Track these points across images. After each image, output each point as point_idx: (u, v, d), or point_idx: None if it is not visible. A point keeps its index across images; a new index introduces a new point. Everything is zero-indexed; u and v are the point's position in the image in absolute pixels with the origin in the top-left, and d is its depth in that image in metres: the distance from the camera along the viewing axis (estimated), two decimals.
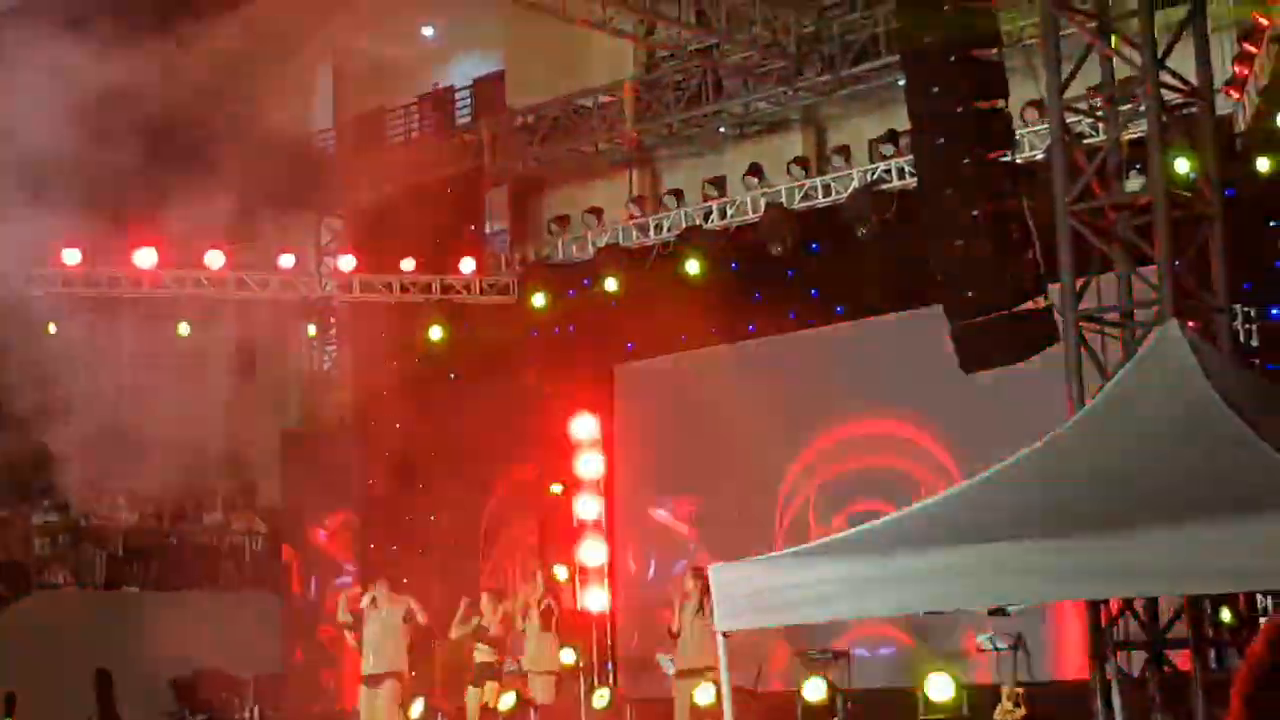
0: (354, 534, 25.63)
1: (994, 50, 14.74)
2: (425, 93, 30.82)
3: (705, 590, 18.79)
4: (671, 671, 20.35)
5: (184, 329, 25.38)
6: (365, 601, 19.25)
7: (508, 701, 19.51)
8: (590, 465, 24.01)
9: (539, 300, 24.73)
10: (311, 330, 26.91)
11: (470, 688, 20.36)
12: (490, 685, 20.09)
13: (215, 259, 25.24)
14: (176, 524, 28.11)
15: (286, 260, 25.88)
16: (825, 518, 21.45)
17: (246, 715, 23.50)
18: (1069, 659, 18.50)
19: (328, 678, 22.48)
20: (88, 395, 33.37)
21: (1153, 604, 13.86)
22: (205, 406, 31.62)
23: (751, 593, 11.51)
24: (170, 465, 30.68)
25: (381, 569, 24.83)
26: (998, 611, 16.55)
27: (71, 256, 24.35)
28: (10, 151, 22.49)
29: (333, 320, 27.04)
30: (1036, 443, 12.35)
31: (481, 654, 20.39)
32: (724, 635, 11.60)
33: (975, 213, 14.25)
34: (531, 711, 19.47)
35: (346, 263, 26.15)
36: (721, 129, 24.95)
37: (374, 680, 19.02)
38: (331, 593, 21.78)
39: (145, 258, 24.90)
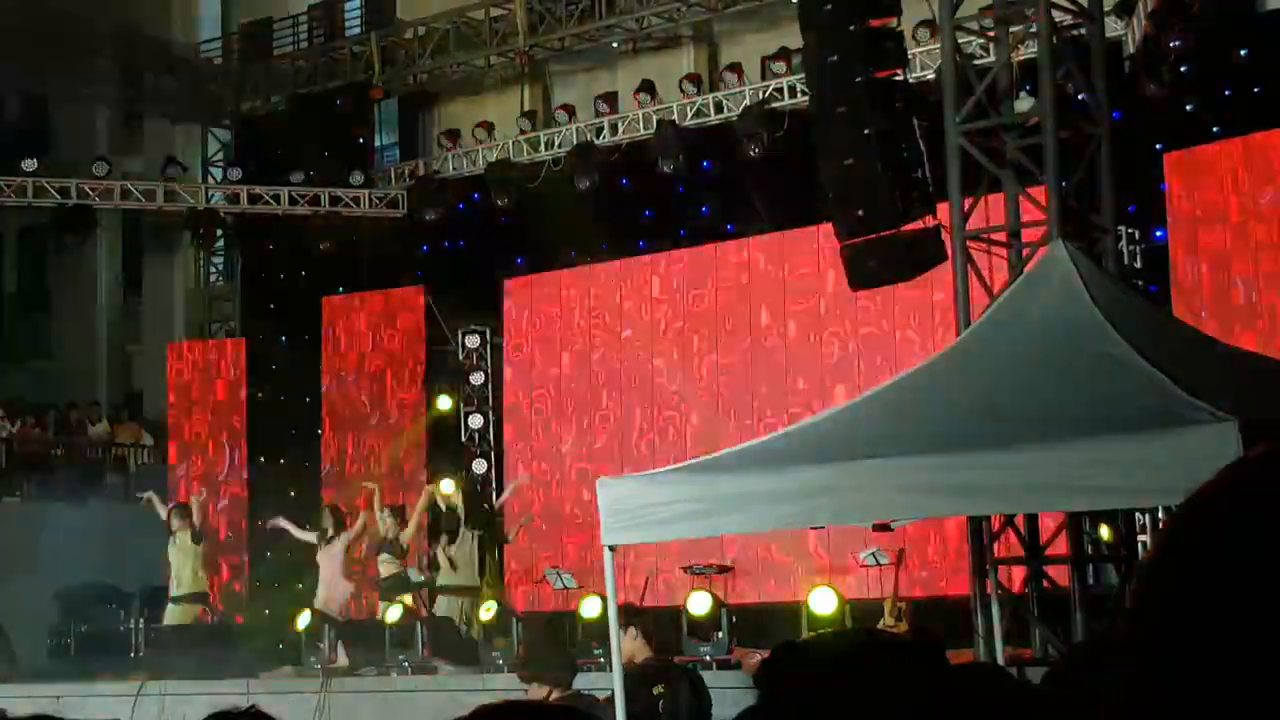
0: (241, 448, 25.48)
1: None
2: (314, 3, 30.46)
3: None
4: (559, 585, 20.48)
5: (69, 240, 25.06)
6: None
7: (394, 614, 19.53)
8: (479, 378, 24.01)
9: (429, 214, 24.59)
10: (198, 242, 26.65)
11: (380, 601, 20.40)
12: (404, 597, 20.10)
13: (100, 169, 24.89)
14: (62, 435, 27.87)
15: (173, 171, 25.57)
16: (711, 432, 21.57)
17: (131, 626, 23.37)
18: (951, 574, 18.76)
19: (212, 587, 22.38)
20: None
21: (1033, 521, 14.07)
22: (91, 319, 31.38)
23: (637, 508, 11.56)
24: (55, 375, 30.43)
25: (269, 483, 24.84)
26: (881, 526, 16.78)
27: None
28: None
29: (220, 232, 26.77)
30: (922, 360, 12.48)
31: (386, 566, 20.41)
32: (610, 549, 11.66)
33: (866, 131, 14.31)
34: (419, 624, 19.48)
35: (234, 174, 25.89)
36: (614, 44, 24.88)
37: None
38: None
39: (28, 166, 24.49)
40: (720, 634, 17.97)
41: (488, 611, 19.80)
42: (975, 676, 3.68)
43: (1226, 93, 18.66)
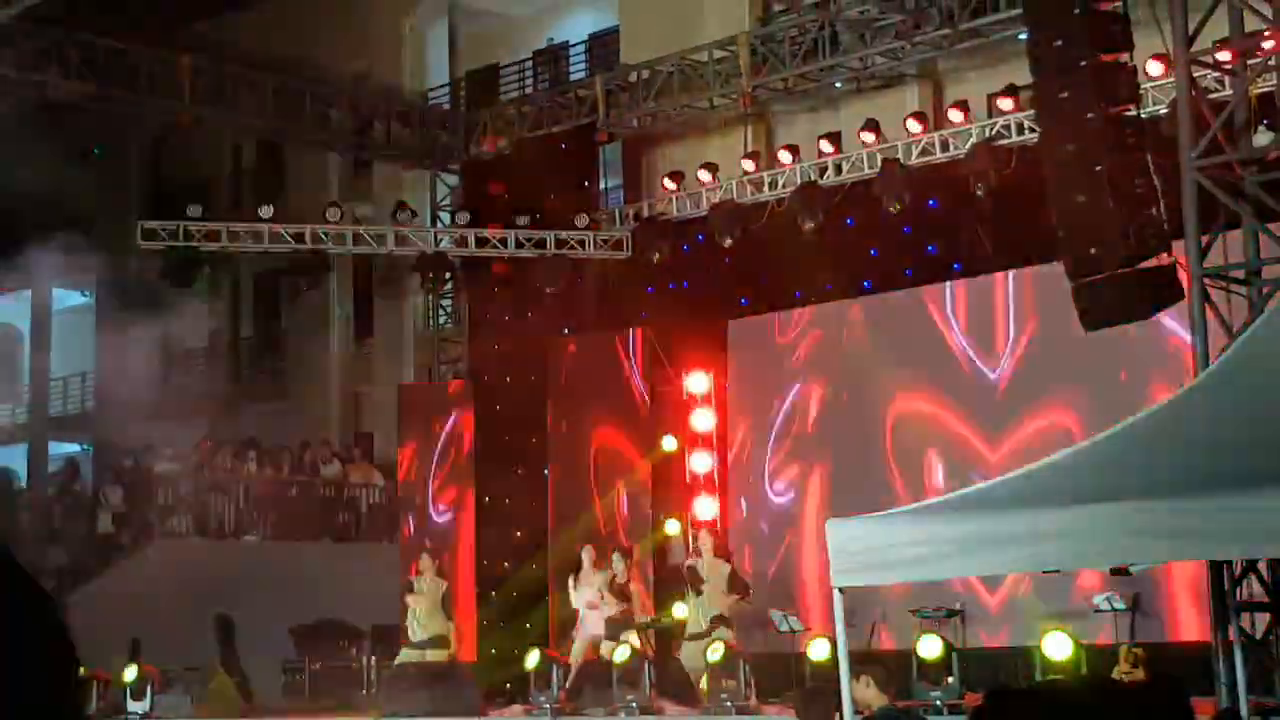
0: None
1: (1118, 2, 14.55)
2: (540, 49, 30.85)
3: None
4: (785, 628, 20.38)
5: (303, 284, 25.64)
6: None
7: (622, 654, 19.60)
8: (703, 420, 24.04)
9: (654, 256, 24.70)
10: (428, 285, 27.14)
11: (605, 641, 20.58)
12: (631, 635, 20.27)
13: (333, 214, 25.42)
14: (296, 475, 28.45)
15: (403, 216, 26.03)
16: (939, 474, 21.37)
17: (364, 664, 23.76)
18: (1187, 620, 18.33)
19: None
20: (207, 349, 33.87)
21: (1277, 565, 13.69)
22: (324, 361, 32.06)
23: (867, 549, 11.46)
24: (289, 416, 31.10)
25: (495, 524, 25.09)
26: (1120, 571, 16.42)
27: (193, 211, 24.64)
28: None
29: (449, 275, 27.18)
30: (1161, 401, 12.22)
31: (613, 607, 20.59)
32: (840, 591, 11.55)
33: (1098, 167, 14.09)
34: (646, 664, 19.53)
35: (462, 218, 26.27)
36: (837, 84, 24.78)
37: None
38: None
39: (264, 212, 25.12)
40: (951, 679, 17.76)
41: (715, 653, 19.78)
42: None
43: None
